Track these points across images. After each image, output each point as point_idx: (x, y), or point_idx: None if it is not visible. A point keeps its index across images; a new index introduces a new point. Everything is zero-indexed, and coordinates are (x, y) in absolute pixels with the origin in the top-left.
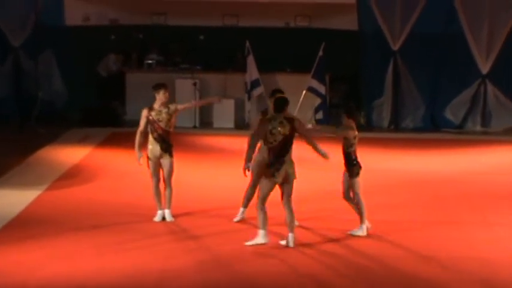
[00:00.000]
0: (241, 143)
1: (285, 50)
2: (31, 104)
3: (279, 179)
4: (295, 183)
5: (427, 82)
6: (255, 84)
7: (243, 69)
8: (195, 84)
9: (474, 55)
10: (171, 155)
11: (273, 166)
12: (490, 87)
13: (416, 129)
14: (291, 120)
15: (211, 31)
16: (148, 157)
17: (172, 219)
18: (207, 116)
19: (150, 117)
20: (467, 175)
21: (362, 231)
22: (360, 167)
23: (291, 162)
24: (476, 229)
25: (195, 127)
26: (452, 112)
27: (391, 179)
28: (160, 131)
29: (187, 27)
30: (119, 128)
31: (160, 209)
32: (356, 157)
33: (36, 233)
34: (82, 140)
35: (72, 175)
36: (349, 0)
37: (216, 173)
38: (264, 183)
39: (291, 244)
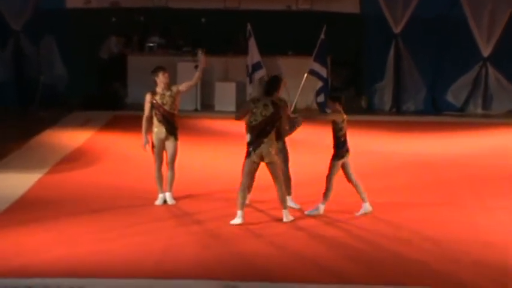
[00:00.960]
0: (242, 126)
1: (286, 33)
2: (33, 88)
3: (255, 158)
4: (279, 164)
5: (429, 65)
6: (256, 67)
7: (244, 52)
8: (196, 66)
9: (475, 38)
10: (176, 138)
11: (251, 145)
12: (491, 70)
13: (417, 112)
14: (275, 103)
15: (213, 14)
16: (153, 141)
17: (174, 201)
18: (208, 98)
19: (154, 102)
20: (469, 158)
21: (317, 211)
22: (347, 151)
23: (271, 144)
24: (477, 212)
25: (196, 110)
26: (454, 95)
27: (392, 161)
28: (165, 114)
29: (188, 10)
30: (121, 111)
31: (162, 192)
32: (345, 141)
33: (38, 216)
34: (84, 124)
35: (73, 158)
36: None
37: (217, 156)
38: (245, 162)
39: (285, 219)
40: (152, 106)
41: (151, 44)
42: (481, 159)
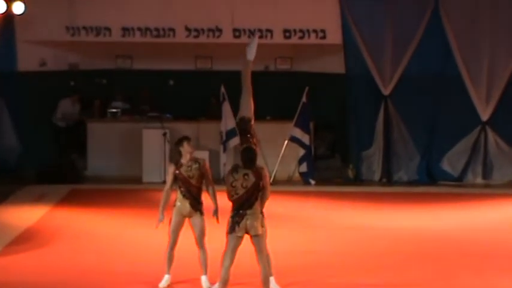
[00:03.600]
0: (218, 198)
1: (264, 96)
2: None
3: (240, 233)
4: (265, 238)
5: (422, 130)
6: (231, 134)
7: (217, 117)
8: (164, 134)
9: (473, 100)
10: (201, 213)
11: (233, 219)
12: (491, 135)
13: (410, 183)
14: (256, 172)
15: (182, 75)
16: (170, 218)
17: (210, 286)
18: None
19: (178, 173)
20: (468, 233)
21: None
22: None
23: (257, 216)
24: None
25: (164, 182)
26: (450, 163)
27: (382, 237)
28: (191, 188)
29: (155, 71)
30: (80, 185)
31: (168, 273)
32: None
33: None
34: (38, 199)
35: (26, 238)
36: (335, 41)
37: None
38: (228, 238)
39: None
40: (175, 178)
41: (114, 110)
42: (482, 234)
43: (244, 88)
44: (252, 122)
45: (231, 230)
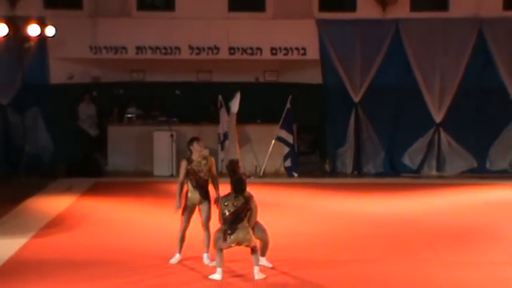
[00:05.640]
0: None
1: (255, 103)
2: (19, 158)
3: (231, 243)
4: (254, 243)
5: (386, 131)
6: (227, 135)
7: (216, 121)
8: (172, 135)
9: (428, 106)
10: (209, 201)
11: (226, 232)
12: (444, 135)
13: (377, 175)
14: (245, 196)
15: (186, 86)
16: (185, 204)
17: (210, 262)
18: None
19: (189, 168)
20: (424, 216)
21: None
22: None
23: (247, 229)
24: (433, 265)
25: (172, 175)
26: (410, 158)
27: (354, 220)
28: (200, 180)
29: (164, 83)
30: (102, 178)
31: (179, 253)
32: None
33: (26, 277)
34: (67, 190)
35: (56, 224)
36: (314, 57)
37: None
38: (221, 241)
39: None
40: (187, 172)
41: (129, 115)
42: (435, 218)
43: (230, 136)
44: (240, 164)
45: (224, 239)
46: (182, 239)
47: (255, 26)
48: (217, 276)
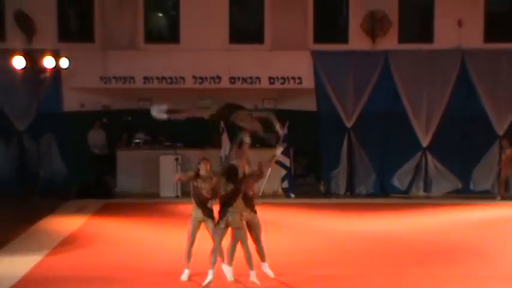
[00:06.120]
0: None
1: None
2: (34, 181)
3: (222, 224)
4: (245, 229)
5: (377, 154)
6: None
7: (218, 145)
8: (177, 159)
9: (416, 131)
10: (213, 219)
11: (219, 214)
12: (430, 158)
13: (368, 195)
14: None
15: None
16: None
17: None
18: (187, 186)
19: (195, 183)
20: (413, 234)
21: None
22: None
23: (235, 212)
24: (421, 280)
25: (177, 197)
26: (399, 179)
27: (347, 238)
28: (202, 198)
29: None
30: (111, 200)
31: (188, 268)
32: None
33: None
34: (79, 211)
35: (69, 242)
36: (309, 85)
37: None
38: (216, 228)
39: (251, 278)
40: (192, 189)
41: (137, 140)
42: (423, 236)
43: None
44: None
45: (217, 222)
46: (189, 255)
47: (254, 57)
48: (209, 277)
